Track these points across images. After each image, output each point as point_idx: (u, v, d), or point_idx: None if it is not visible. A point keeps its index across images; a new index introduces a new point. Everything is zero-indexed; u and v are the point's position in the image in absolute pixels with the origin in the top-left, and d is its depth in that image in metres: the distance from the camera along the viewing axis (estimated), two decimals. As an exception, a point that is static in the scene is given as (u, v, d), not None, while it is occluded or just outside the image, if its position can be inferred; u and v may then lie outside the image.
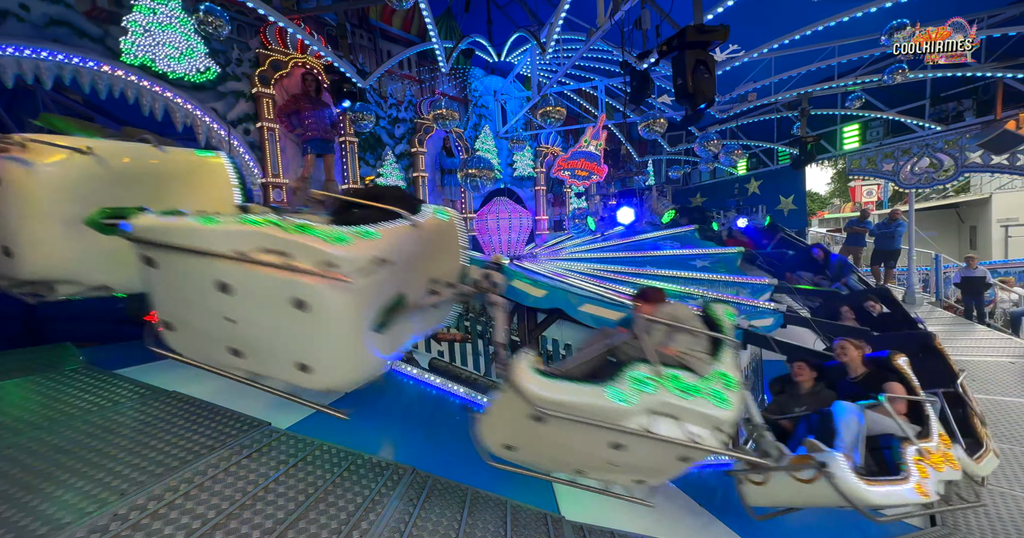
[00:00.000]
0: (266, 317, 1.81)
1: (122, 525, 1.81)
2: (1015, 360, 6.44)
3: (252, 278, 1.75)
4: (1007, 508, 3.61)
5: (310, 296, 1.69)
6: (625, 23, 6.06)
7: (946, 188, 16.87)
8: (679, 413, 2.07)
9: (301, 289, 1.69)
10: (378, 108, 8.15)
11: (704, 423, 2.06)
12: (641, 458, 2.17)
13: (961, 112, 8.84)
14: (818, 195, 26.84)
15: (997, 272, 11.08)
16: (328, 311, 1.72)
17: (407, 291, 2.02)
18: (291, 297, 1.70)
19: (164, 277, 1.92)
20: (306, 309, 1.70)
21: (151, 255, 1.88)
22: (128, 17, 5.07)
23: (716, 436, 2.08)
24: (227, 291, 1.78)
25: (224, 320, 1.86)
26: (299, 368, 1.84)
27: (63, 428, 2.44)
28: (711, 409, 2.06)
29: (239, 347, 1.93)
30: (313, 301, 1.69)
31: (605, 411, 2.02)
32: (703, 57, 4.14)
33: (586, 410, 2.02)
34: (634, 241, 7.89)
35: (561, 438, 2.13)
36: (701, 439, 2.07)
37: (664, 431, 2.05)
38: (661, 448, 2.06)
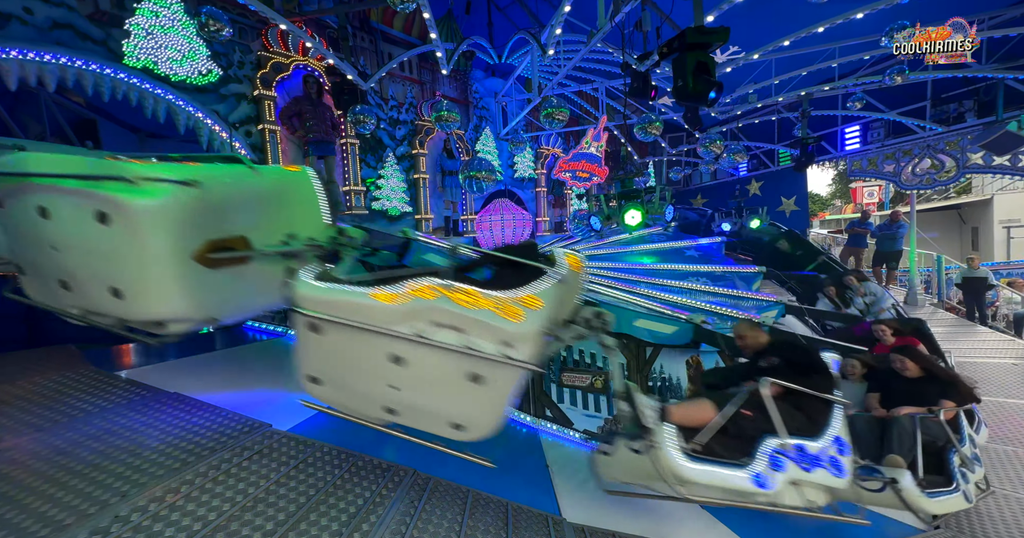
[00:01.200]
0: (435, 387, 1.92)
1: (123, 527, 1.82)
2: (1017, 362, 6.42)
3: (428, 353, 1.83)
4: (1010, 510, 3.59)
5: (489, 372, 1.81)
6: (626, 25, 6.07)
7: (948, 189, 16.85)
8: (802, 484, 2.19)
9: (481, 366, 1.81)
10: (379, 110, 8.17)
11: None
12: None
13: (962, 113, 8.83)
14: (819, 196, 26.83)
15: (1000, 273, 11.06)
16: (503, 384, 1.86)
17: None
18: (469, 372, 1.82)
19: (326, 342, 1.95)
20: (481, 382, 1.83)
21: (318, 323, 1.90)
22: (130, 20, 5.09)
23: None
24: (400, 363, 1.87)
25: (386, 386, 1.95)
26: (453, 426, 1.99)
27: (65, 430, 2.45)
28: (829, 480, 2.20)
29: (395, 407, 2.04)
30: (491, 376, 1.82)
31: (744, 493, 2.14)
32: (704, 59, 4.15)
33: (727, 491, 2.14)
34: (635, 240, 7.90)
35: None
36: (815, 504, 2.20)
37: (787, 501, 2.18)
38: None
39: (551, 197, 11.62)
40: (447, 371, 1.85)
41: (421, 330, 1.81)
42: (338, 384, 2.08)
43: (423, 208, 8.77)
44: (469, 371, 1.82)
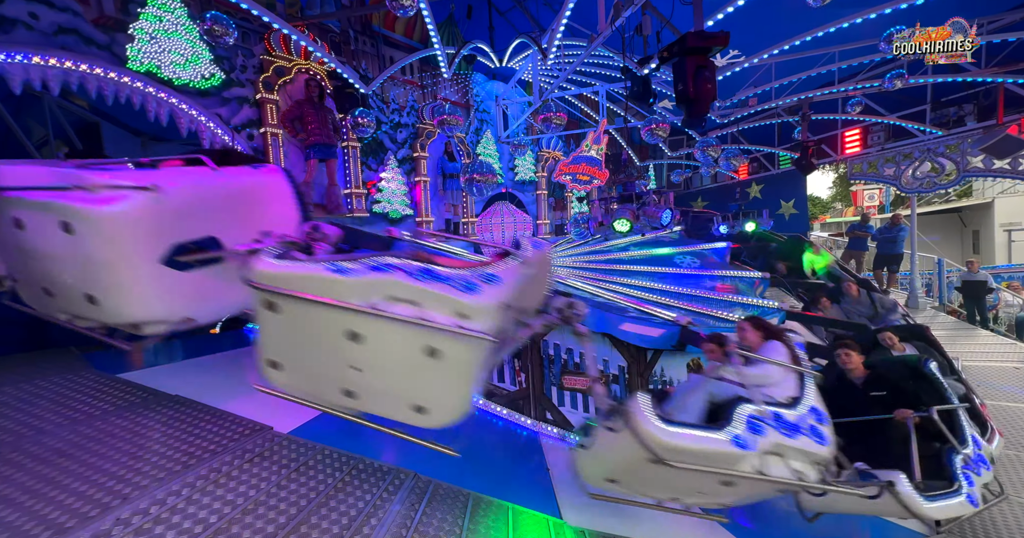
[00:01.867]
0: (393, 364, 1.88)
1: (125, 529, 1.82)
2: (1019, 365, 6.40)
3: (385, 328, 1.79)
4: (1014, 515, 3.58)
5: (446, 346, 1.76)
6: (626, 29, 6.10)
7: (948, 192, 16.84)
8: (785, 452, 2.20)
9: (435, 339, 1.76)
10: (380, 113, 8.21)
11: (805, 459, 2.22)
12: (744, 491, 2.30)
13: (962, 117, 8.85)
14: (820, 199, 26.81)
15: (1000, 277, 11.05)
16: (461, 359, 1.80)
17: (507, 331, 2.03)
18: (425, 346, 1.77)
19: (284, 321, 1.93)
20: (438, 356, 1.78)
21: (274, 301, 1.89)
22: (134, 25, 5.12)
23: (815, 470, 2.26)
24: (357, 340, 1.83)
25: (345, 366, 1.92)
26: (415, 409, 1.92)
27: (67, 432, 2.45)
28: (812, 447, 2.22)
29: (354, 389, 1.98)
30: (448, 350, 1.77)
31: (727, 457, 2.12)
32: (704, 63, 4.17)
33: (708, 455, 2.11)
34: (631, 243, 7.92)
35: (673, 476, 2.17)
36: (804, 475, 2.24)
37: (774, 471, 2.19)
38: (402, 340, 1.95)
39: (552, 200, 11.65)
40: (403, 346, 1.80)
41: (376, 304, 1.77)
42: (297, 367, 2.04)
43: (424, 211, 8.80)
44: (425, 345, 1.76)
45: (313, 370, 2.02)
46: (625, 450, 2.20)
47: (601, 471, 2.45)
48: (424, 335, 1.75)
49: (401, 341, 1.80)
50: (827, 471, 2.33)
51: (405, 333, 1.77)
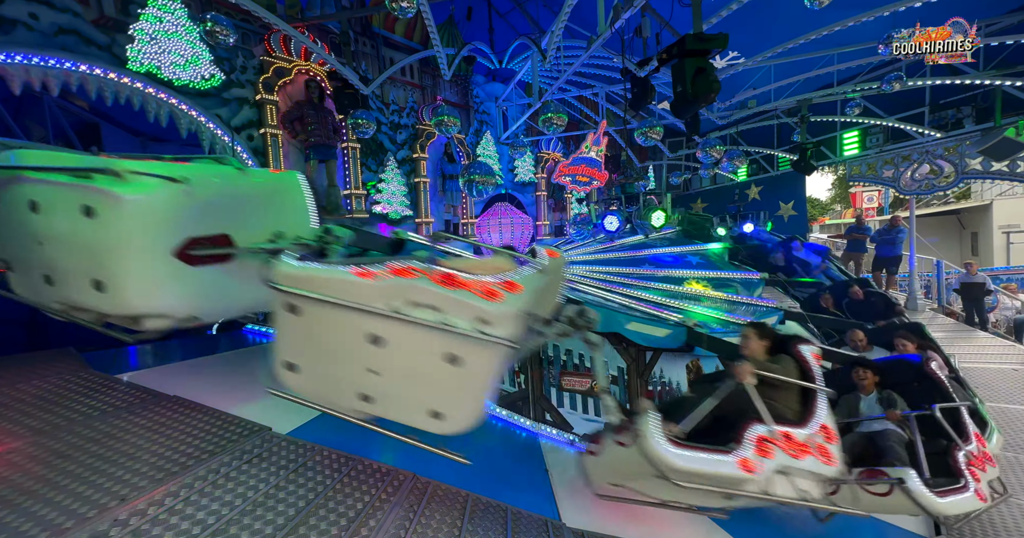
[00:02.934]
0: (413, 369, 1.87)
1: (123, 530, 1.81)
2: (1018, 367, 6.41)
3: (406, 332, 1.80)
4: (1012, 516, 3.58)
5: (467, 352, 1.77)
6: (625, 31, 6.12)
7: (947, 194, 16.87)
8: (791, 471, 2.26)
9: (458, 346, 1.76)
10: (380, 114, 8.22)
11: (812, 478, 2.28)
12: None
13: (960, 119, 8.87)
14: (819, 201, 26.87)
15: (999, 279, 11.06)
16: (481, 366, 1.81)
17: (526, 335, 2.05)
18: (446, 353, 1.78)
19: (304, 324, 1.92)
20: (458, 363, 1.79)
21: (296, 303, 1.88)
22: (135, 25, 5.13)
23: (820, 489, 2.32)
24: (378, 343, 1.84)
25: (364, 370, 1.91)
26: (432, 415, 1.91)
27: (65, 433, 2.45)
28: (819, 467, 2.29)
29: (371, 394, 1.97)
30: (468, 357, 1.78)
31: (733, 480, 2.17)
32: (703, 65, 4.18)
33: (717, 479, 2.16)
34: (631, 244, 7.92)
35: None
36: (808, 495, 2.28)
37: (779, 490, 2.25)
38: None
39: (551, 201, 11.66)
40: (424, 352, 1.81)
41: (398, 309, 1.78)
42: (314, 370, 2.03)
43: (423, 212, 8.80)
44: (446, 351, 1.78)
45: (331, 373, 2.01)
46: (634, 464, 2.25)
47: (608, 477, 2.54)
48: (446, 341, 1.77)
49: (422, 346, 1.81)
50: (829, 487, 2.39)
51: (427, 338, 1.78)
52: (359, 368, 1.92)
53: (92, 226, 1.87)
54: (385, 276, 1.81)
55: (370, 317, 1.79)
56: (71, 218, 1.89)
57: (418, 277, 1.79)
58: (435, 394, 1.91)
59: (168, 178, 1.91)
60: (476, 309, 1.73)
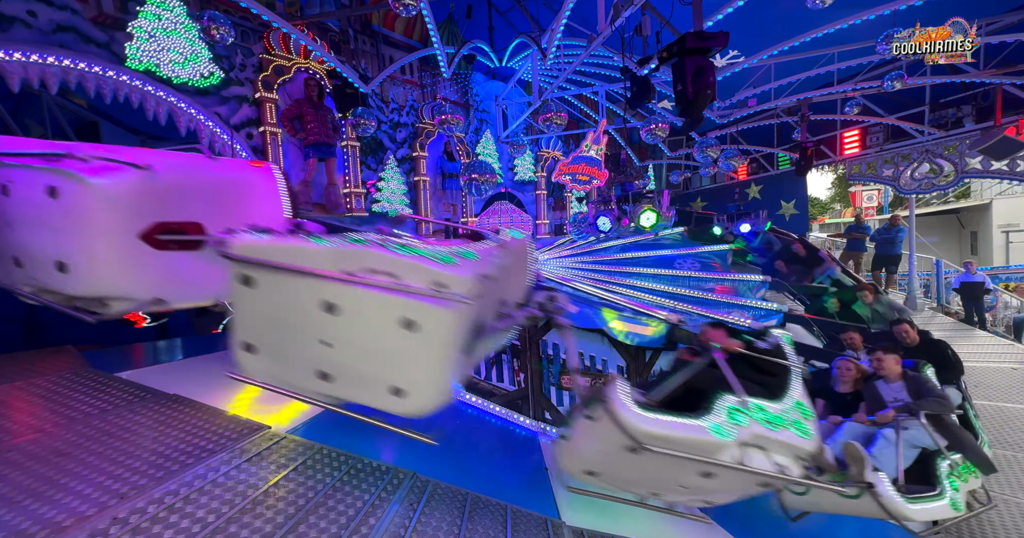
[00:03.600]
0: (369, 338, 1.81)
1: (122, 529, 1.81)
2: (1017, 366, 6.42)
3: (361, 298, 1.74)
4: (1010, 514, 3.59)
5: (421, 316, 1.69)
6: (626, 29, 6.10)
7: (947, 193, 16.89)
8: (767, 444, 2.16)
9: (411, 309, 1.69)
10: (380, 113, 8.20)
11: (788, 453, 2.19)
12: (725, 485, 2.26)
13: (960, 118, 8.87)
14: (819, 200, 26.89)
15: (998, 278, 11.08)
16: (437, 331, 1.72)
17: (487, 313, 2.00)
18: (401, 317, 1.70)
19: (259, 297, 1.89)
20: (414, 329, 1.70)
21: (250, 274, 1.86)
22: (133, 23, 5.12)
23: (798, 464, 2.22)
24: (333, 311, 1.78)
25: (319, 343, 1.85)
26: (392, 392, 1.82)
27: (64, 431, 2.44)
28: (796, 440, 2.18)
29: (329, 371, 1.91)
30: (424, 321, 1.70)
31: (704, 444, 2.08)
32: (703, 63, 4.17)
33: (686, 443, 2.06)
34: (629, 243, 7.93)
35: (653, 467, 2.16)
36: (787, 469, 2.18)
37: (755, 463, 2.14)
38: (747, 476, 2.15)
39: (551, 200, 11.65)
40: (380, 318, 1.75)
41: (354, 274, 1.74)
42: (271, 348, 1.99)
43: (423, 210, 8.79)
44: (401, 316, 1.71)
45: (288, 350, 1.96)
46: (603, 438, 2.16)
47: (580, 463, 2.39)
48: (400, 305, 1.70)
49: (377, 312, 1.74)
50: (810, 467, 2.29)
51: (381, 303, 1.72)
52: (313, 340, 1.86)
53: (55, 206, 1.90)
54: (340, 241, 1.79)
55: (323, 283, 1.75)
56: (35, 199, 1.92)
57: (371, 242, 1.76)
58: (393, 367, 1.82)
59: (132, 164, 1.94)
60: (431, 272, 1.68)
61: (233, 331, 2.02)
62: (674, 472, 2.21)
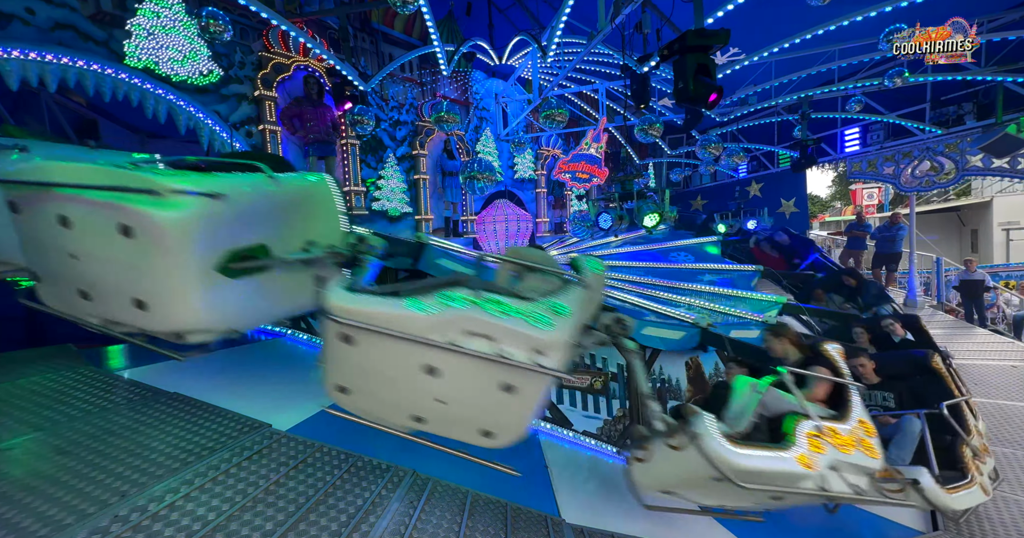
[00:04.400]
0: (469, 397, 1.94)
1: (123, 527, 1.82)
2: (1017, 364, 6.42)
3: (463, 363, 1.84)
4: (1010, 512, 3.59)
5: (521, 382, 1.84)
6: (626, 27, 6.08)
7: (947, 191, 16.88)
8: (843, 467, 2.17)
9: (513, 376, 1.83)
10: (379, 111, 8.18)
11: (860, 473, 2.19)
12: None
13: (962, 116, 8.85)
14: (819, 198, 26.87)
15: (998, 276, 11.08)
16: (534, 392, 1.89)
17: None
18: (502, 382, 1.85)
19: (358, 354, 1.94)
20: (513, 392, 1.86)
21: (351, 334, 1.90)
22: (132, 20, 5.09)
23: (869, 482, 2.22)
24: (434, 374, 1.89)
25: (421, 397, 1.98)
26: (482, 434, 2.02)
27: (64, 429, 2.45)
28: (867, 461, 2.19)
29: (424, 416, 2.05)
30: (523, 386, 1.85)
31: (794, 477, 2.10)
32: (704, 61, 4.15)
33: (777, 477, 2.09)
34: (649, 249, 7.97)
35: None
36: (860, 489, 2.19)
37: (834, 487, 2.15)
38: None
39: (551, 198, 11.63)
40: (481, 381, 1.87)
41: (454, 339, 1.83)
42: (367, 393, 2.09)
43: (423, 209, 8.78)
44: (502, 381, 1.85)
45: (385, 398, 2.07)
46: (689, 468, 2.22)
47: (660, 484, 2.49)
48: (502, 371, 1.82)
49: (479, 376, 1.86)
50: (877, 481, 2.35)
51: (483, 368, 1.83)
52: (414, 396, 1.99)
53: (131, 246, 1.83)
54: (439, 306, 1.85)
55: (426, 348, 1.82)
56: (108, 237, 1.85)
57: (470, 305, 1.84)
58: (488, 417, 2.00)
59: (207, 194, 1.88)
60: (530, 339, 1.79)
61: (327, 373, 2.10)
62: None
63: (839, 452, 2.20)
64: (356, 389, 2.07)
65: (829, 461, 2.19)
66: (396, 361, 1.92)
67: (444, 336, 1.81)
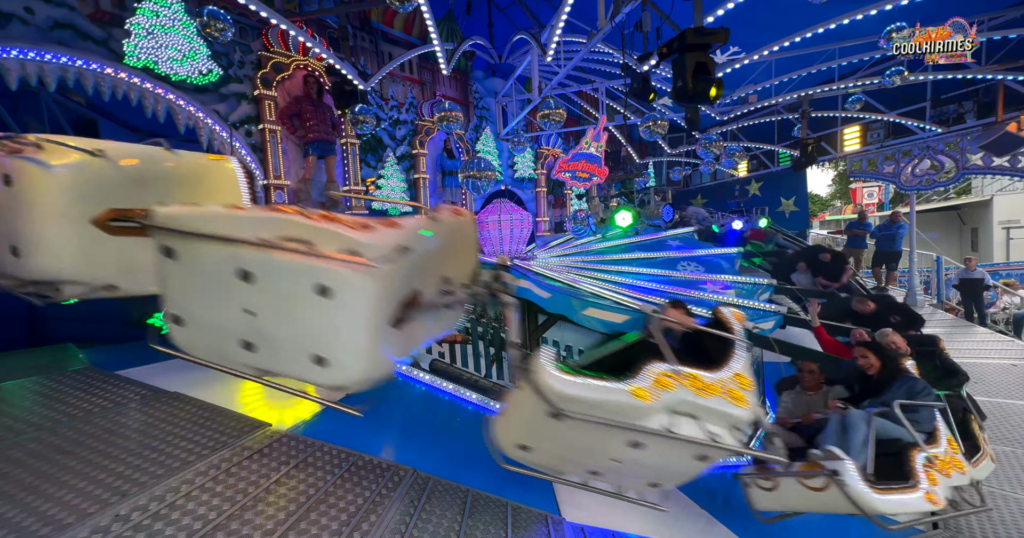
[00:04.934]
0: (286, 305, 1.79)
1: (124, 526, 1.82)
2: (1017, 362, 6.42)
3: (275, 265, 1.73)
4: (1009, 510, 3.60)
5: (334, 281, 1.67)
6: (626, 25, 6.07)
7: (947, 190, 16.86)
8: (698, 411, 2.07)
9: (324, 274, 1.67)
10: (379, 110, 8.18)
11: (722, 422, 2.08)
12: (659, 458, 2.18)
13: (962, 114, 8.84)
14: (819, 197, 26.85)
15: (999, 274, 11.07)
16: (351, 297, 1.70)
17: (423, 288, 1.97)
18: (314, 283, 1.68)
19: (181, 268, 1.88)
20: (329, 295, 1.68)
21: (171, 245, 1.85)
22: (131, 20, 5.09)
23: (734, 435, 2.11)
24: (248, 279, 1.76)
25: (242, 311, 1.83)
26: (315, 361, 1.79)
27: (65, 429, 2.45)
28: (729, 407, 2.08)
29: (253, 340, 1.88)
30: (336, 286, 1.67)
31: (625, 408, 2.00)
32: (703, 59, 4.15)
33: (606, 407, 2.00)
34: (637, 242, 7.94)
35: (578, 436, 2.11)
36: (720, 438, 2.07)
37: (684, 431, 2.04)
38: (679, 448, 2.08)
39: (551, 197, 11.63)
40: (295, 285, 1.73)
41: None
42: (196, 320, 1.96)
43: (423, 208, 8.78)
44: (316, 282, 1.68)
45: (209, 319, 1.94)
46: (527, 406, 2.13)
47: (510, 435, 2.32)
48: (313, 271, 1.68)
49: (292, 279, 1.72)
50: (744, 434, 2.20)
51: (295, 270, 1.70)
52: (234, 309, 1.83)
53: (7, 194, 1.93)
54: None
55: (240, 250, 1.73)
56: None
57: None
58: (313, 335, 1.79)
59: (86, 150, 1.98)
60: (347, 239, 1.66)
61: (161, 305, 1.97)
62: (601, 441, 2.11)
63: (692, 394, 2.05)
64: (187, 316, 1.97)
65: (676, 399, 2.04)
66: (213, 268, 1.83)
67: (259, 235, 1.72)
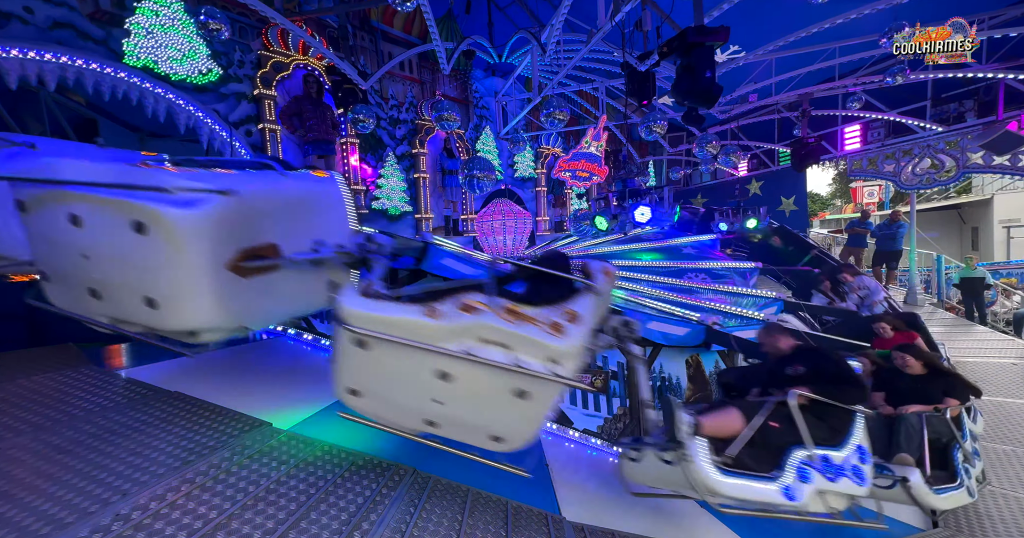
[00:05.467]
0: (482, 401, 1.96)
1: (124, 525, 1.82)
2: (1017, 361, 6.42)
3: (476, 369, 1.88)
4: (1009, 509, 3.60)
5: (535, 388, 1.87)
6: (626, 24, 6.06)
7: (948, 189, 16.84)
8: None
9: (527, 382, 1.86)
10: (379, 109, 8.17)
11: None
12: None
13: (962, 113, 8.83)
14: (819, 196, 26.82)
15: (999, 273, 11.07)
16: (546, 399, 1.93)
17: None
18: (515, 388, 1.87)
19: (372, 359, 1.96)
20: (527, 397, 1.89)
21: (366, 340, 1.92)
22: (131, 19, 5.09)
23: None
24: (447, 379, 1.91)
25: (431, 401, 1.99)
26: (492, 439, 2.05)
27: (65, 428, 2.45)
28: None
29: (437, 420, 2.07)
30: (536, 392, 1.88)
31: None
32: (703, 58, 4.14)
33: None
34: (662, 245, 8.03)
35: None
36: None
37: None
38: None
39: (551, 197, 11.63)
40: (494, 387, 1.89)
41: (469, 347, 1.86)
42: (379, 397, 2.10)
43: (423, 207, 8.78)
44: (516, 387, 1.87)
45: (397, 401, 2.09)
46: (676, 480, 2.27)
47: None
48: (515, 378, 1.84)
49: (492, 382, 1.88)
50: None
51: (496, 375, 1.85)
52: (426, 399, 1.99)
53: (143, 243, 1.84)
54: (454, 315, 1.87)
55: (439, 355, 1.85)
56: (120, 235, 1.85)
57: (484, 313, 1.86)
58: (499, 422, 2.01)
59: (217, 191, 1.89)
60: (545, 347, 1.81)
61: (338, 376, 2.09)
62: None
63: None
64: (368, 392, 2.07)
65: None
66: (410, 367, 1.93)
67: (460, 344, 1.83)
